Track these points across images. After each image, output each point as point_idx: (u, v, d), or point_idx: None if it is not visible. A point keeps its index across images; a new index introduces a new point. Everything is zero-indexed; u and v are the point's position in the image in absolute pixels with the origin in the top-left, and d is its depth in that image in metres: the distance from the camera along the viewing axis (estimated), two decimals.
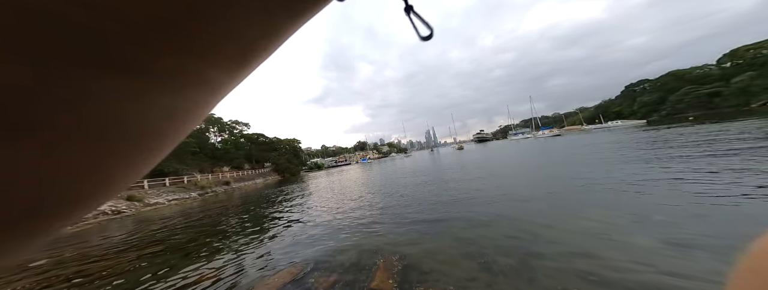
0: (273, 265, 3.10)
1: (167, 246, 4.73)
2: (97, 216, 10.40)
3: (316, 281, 2.52)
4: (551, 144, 20.55)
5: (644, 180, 4.56)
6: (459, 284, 2.17)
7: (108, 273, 3.58)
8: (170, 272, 3.30)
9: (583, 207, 3.59)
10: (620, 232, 2.66)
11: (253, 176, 31.07)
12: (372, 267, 2.67)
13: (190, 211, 10.13)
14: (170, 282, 2.98)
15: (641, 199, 3.62)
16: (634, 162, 6.61)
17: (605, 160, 7.59)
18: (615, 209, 3.35)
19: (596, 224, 2.96)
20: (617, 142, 12.57)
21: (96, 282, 3.24)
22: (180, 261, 3.73)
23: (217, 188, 20.54)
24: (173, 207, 13.12)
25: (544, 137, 43.55)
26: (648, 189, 4.06)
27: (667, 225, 2.68)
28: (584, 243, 2.53)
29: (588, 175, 5.73)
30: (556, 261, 2.28)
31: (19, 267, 4.55)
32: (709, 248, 2.15)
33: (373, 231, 3.91)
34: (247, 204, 10.10)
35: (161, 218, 9.02)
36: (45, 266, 4.42)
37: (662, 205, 3.25)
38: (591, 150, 11.14)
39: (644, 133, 16.92)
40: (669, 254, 2.14)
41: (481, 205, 4.60)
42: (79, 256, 4.81)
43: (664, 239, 2.39)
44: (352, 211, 5.64)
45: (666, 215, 2.92)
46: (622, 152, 8.72)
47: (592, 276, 2.00)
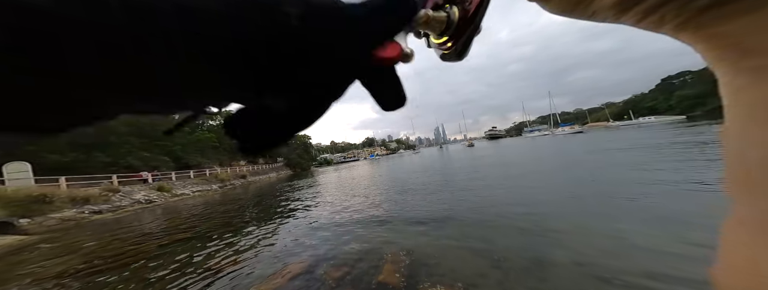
0: (286, 255, 3.31)
1: (193, 235, 5.19)
2: (133, 205, 11.50)
3: (326, 273, 2.63)
4: (567, 142, 19.59)
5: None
6: (468, 281, 2.15)
7: (143, 255, 4.03)
8: (195, 258, 3.64)
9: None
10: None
11: (267, 170, 32.46)
12: (380, 260, 2.73)
13: (213, 202, 10.91)
14: (195, 266, 3.29)
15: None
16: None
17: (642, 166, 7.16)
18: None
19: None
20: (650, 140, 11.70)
21: (133, 265, 3.68)
22: (204, 248, 4.08)
23: (235, 181, 21.72)
24: (197, 198, 14.14)
25: (563, 134, 41.46)
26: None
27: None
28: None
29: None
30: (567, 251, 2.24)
31: (73, 247, 5.25)
32: None
33: (381, 226, 4.03)
34: (263, 196, 10.66)
35: (187, 208, 9.81)
36: (93, 247, 5.06)
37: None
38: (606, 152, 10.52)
39: (686, 129, 15.40)
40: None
41: (478, 189, 4.60)
42: (119, 240, 5.43)
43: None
44: (361, 206, 5.82)
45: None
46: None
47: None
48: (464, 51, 0.22)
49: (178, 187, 15.59)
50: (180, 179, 17.65)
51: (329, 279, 2.48)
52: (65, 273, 3.63)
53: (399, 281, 2.27)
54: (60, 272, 3.71)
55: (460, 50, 0.22)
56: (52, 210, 8.75)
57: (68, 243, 5.69)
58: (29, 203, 8.32)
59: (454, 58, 0.23)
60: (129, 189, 12.83)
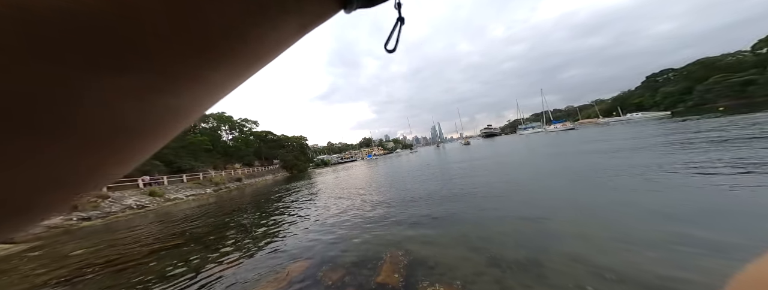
0: (283, 259, 3.28)
1: (187, 239, 5.09)
2: (124, 211, 11.21)
3: (324, 274, 2.63)
4: (559, 138, 19.93)
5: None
6: (466, 279, 2.18)
7: (134, 262, 3.93)
8: (191, 263, 3.58)
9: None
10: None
11: (263, 173, 32.09)
12: (378, 261, 2.75)
13: (207, 206, 10.72)
14: (191, 271, 3.23)
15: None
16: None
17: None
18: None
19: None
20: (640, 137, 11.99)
21: (124, 272, 3.59)
22: (200, 252, 4.01)
23: (230, 184, 21.41)
24: (191, 202, 13.88)
25: (556, 131, 42.14)
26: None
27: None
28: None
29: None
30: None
31: (60, 255, 5.09)
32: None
33: (379, 226, 4.04)
34: (258, 200, 10.52)
35: (180, 212, 9.61)
36: (83, 255, 4.92)
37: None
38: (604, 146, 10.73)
39: (673, 124, 15.90)
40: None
41: (478, 186, 4.64)
42: (108, 247, 5.29)
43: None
44: (359, 207, 5.80)
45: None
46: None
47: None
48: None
49: (171, 192, 15.28)
50: (172, 183, 17.29)
51: (328, 281, 2.49)
52: (55, 281, 3.53)
53: (398, 281, 2.29)
54: (48, 280, 3.60)
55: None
56: None
57: (56, 251, 5.52)
58: None
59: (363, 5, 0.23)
60: (119, 195, 12.51)
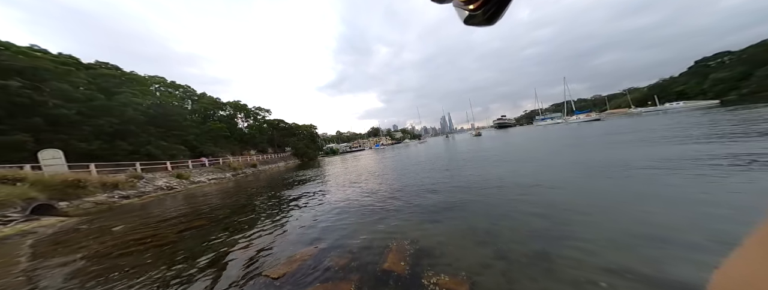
0: (294, 243, 3.52)
1: (210, 220, 5.66)
2: (156, 191, 12.36)
3: (332, 260, 2.73)
4: (578, 130, 18.91)
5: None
6: (472, 270, 2.15)
7: (168, 238, 4.48)
8: (213, 242, 4.01)
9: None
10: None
11: (276, 160, 33.46)
12: (385, 249, 2.80)
13: (227, 190, 11.56)
14: (212, 250, 3.63)
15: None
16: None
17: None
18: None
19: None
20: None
21: (163, 247, 4.12)
22: (220, 233, 4.46)
23: (247, 170, 22.65)
24: (213, 185, 14.97)
25: (577, 122, 39.61)
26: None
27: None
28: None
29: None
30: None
31: (104, 229, 5.85)
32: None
33: (386, 215, 4.20)
34: (274, 185, 11.15)
35: (204, 195, 10.47)
36: (122, 230, 5.62)
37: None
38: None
39: (718, 115, 13.21)
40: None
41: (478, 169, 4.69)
42: (143, 224, 5.99)
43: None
44: (367, 195, 6.05)
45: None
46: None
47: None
48: (497, 14, 0.16)
49: (195, 175, 16.49)
50: (196, 167, 18.60)
51: (336, 266, 2.60)
52: (104, 252, 4.12)
53: (403, 269, 2.34)
54: (99, 250, 4.21)
55: (492, 12, 0.16)
56: (85, 195, 9.59)
57: (101, 226, 6.33)
58: (64, 187, 9.13)
59: (482, 22, 0.18)
60: (151, 176, 13.72)
